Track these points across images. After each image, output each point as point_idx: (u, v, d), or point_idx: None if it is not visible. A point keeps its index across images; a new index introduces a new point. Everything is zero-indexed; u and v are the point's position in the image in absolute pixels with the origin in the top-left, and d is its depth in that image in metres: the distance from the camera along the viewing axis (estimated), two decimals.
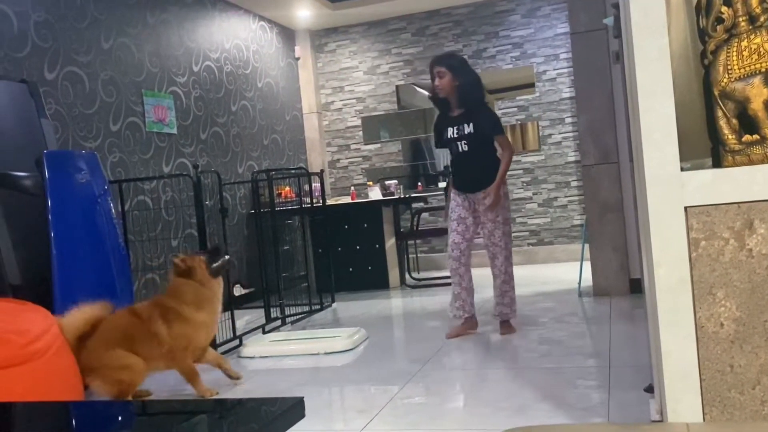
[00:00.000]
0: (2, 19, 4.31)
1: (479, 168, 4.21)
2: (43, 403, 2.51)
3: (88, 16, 5.02)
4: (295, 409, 1.49)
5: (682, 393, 1.81)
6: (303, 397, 1.49)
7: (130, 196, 5.16)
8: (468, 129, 4.19)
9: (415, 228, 7.28)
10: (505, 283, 4.29)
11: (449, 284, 6.56)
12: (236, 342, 4.54)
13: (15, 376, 2.85)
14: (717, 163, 1.90)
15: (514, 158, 7.66)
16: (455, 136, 4.24)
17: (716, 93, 1.88)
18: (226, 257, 3.51)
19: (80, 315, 3.30)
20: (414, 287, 6.69)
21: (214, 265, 3.45)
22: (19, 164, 3.88)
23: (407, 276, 6.93)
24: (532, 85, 7.62)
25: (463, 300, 4.31)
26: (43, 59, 4.60)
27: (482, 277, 5.08)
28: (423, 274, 7.27)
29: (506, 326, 4.31)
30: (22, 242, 3.81)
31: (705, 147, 1.99)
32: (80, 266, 3.78)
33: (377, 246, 6.75)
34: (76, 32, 4.90)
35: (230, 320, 4.57)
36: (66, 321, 3.24)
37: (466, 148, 4.21)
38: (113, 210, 4.11)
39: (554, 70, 7.57)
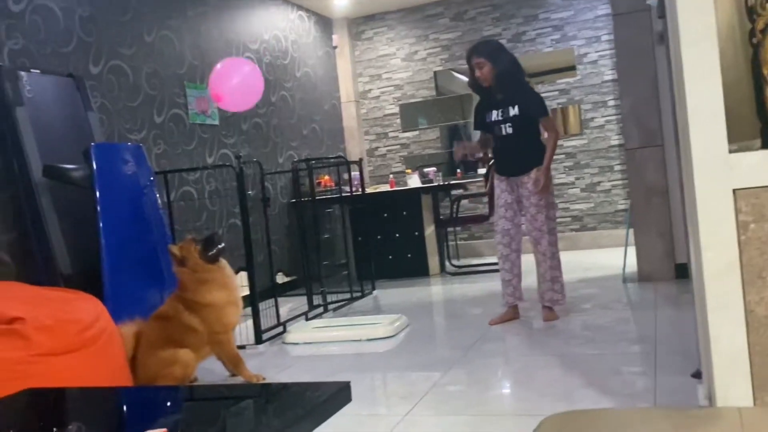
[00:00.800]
0: (49, 15, 4.41)
1: (524, 151, 4.16)
2: (96, 388, 2.59)
3: (130, 10, 5.11)
4: (341, 393, 1.52)
5: (731, 378, 1.78)
6: (349, 382, 1.51)
7: (175, 186, 5.25)
8: (513, 111, 4.14)
9: (454, 215, 7.26)
10: (553, 268, 4.24)
11: (490, 271, 6.56)
12: (280, 329, 4.60)
13: (69, 363, 2.94)
14: (766, 144, 1.85)
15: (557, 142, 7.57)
16: (499, 118, 4.19)
17: (765, 72, 1.84)
18: (221, 245, 3.49)
19: (128, 332, 3.39)
20: (454, 274, 6.68)
21: (210, 253, 3.44)
22: (67, 157, 3.99)
23: (447, 263, 6.92)
24: (573, 68, 7.51)
25: (514, 287, 4.29)
26: (88, 54, 4.70)
27: (526, 263, 5.05)
28: (463, 261, 7.26)
29: (550, 312, 4.27)
30: (71, 233, 3.92)
31: (754, 128, 1.94)
32: (128, 256, 3.87)
33: (416, 233, 6.75)
34: (119, 26, 4.99)
35: (274, 308, 4.64)
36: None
37: (510, 130, 4.16)
38: (159, 200, 4.20)
39: (596, 52, 7.44)
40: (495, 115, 4.20)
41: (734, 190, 1.78)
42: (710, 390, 1.91)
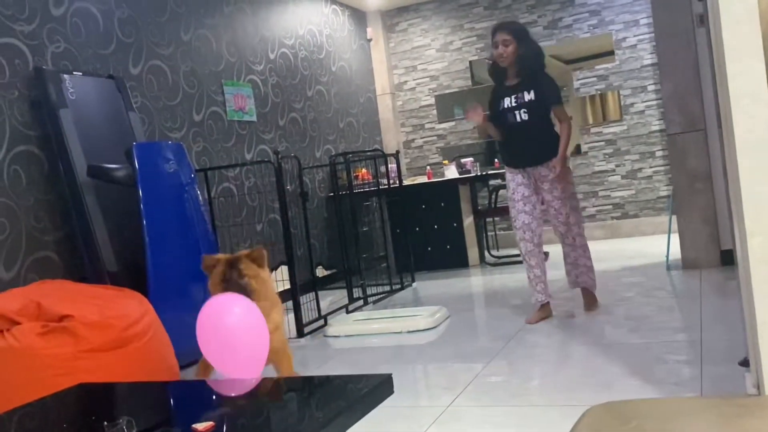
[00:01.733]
0: (89, 18, 4.50)
1: (540, 139, 3.98)
2: (143, 383, 2.65)
3: (167, 10, 5.19)
4: (384, 385, 1.53)
5: None
6: (391, 374, 1.52)
7: (215, 183, 5.33)
8: (528, 96, 3.94)
9: (493, 205, 7.22)
10: (585, 257, 4.14)
11: None
12: (321, 322, 4.64)
13: (117, 358, 3.01)
14: None
15: (595, 129, 7.48)
16: (513, 104, 3.98)
17: None
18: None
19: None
20: (494, 265, 6.65)
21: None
22: (110, 157, 4.07)
23: (487, 254, 6.89)
24: (611, 53, 7.39)
25: (543, 283, 4.12)
26: (128, 54, 4.78)
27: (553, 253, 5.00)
28: (502, 252, 7.21)
29: (591, 298, 4.19)
30: (116, 231, 4.01)
31: None
32: (171, 252, 3.94)
33: (455, 225, 6.73)
34: (157, 26, 5.07)
35: (315, 301, 4.68)
36: None
37: (525, 117, 3.95)
38: (200, 197, 4.26)
39: (634, 36, 7.30)
40: (508, 102, 4.00)
41: None
42: (758, 378, 1.87)
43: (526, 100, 3.95)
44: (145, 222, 3.85)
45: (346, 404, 1.54)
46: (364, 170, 7.07)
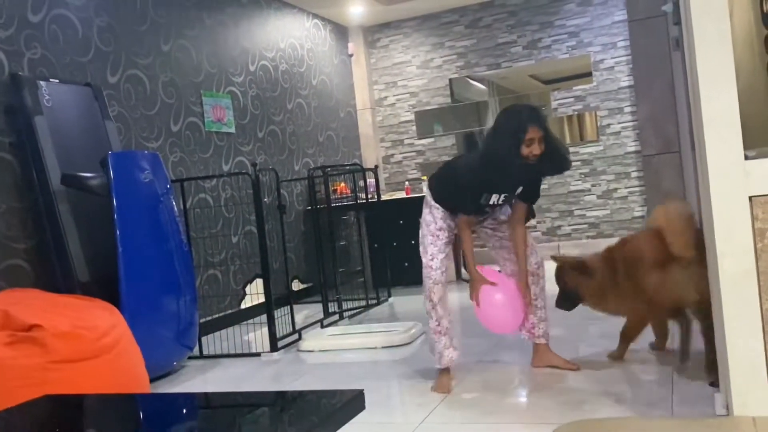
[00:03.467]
0: (67, 25, 4.47)
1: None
2: (112, 395, 2.60)
3: (147, 20, 5.16)
4: (355, 401, 1.52)
5: (749, 386, 1.76)
6: (363, 390, 1.51)
7: (191, 194, 5.29)
8: (517, 191, 3.32)
9: None
10: (543, 290, 3.53)
11: None
12: (295, 336, 4.61)
13: (86, 370, 2.96)
14: None
15: (572, 149, 7.55)
16: (499, 203, 3.29)
17: None
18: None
19: None
20: (469, 281, 6.64)
21: None
22: (85, 165, 4.03)
23: (462, 270, 6.89)
24: (589, 75, 7.48)
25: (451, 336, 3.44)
26: (106, 63, 4.75)
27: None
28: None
29: (559, 356, 3.49)
30: (89, 241, 3.96)
31: None
32: (145, 263, 3.90)
33: None
34: (137, 36, 5.05)
35: (289, 315, 4.65)
36: None
37: (501, 202, 3.31)
38: (175, 208, 4.22)
39: (612, 58, 7.41)
40: (495, 198, 3.26)
41: (750, 197, 1.77)
42: (727, 399, 1.89)
43: (512, 201, 3.36)
44: (118, 232, 3.81)
45: (318, 420, 1.52)
46: (342, 184, 7.07)
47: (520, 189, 3.30)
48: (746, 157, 1.80)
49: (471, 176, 3.22)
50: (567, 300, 3.42)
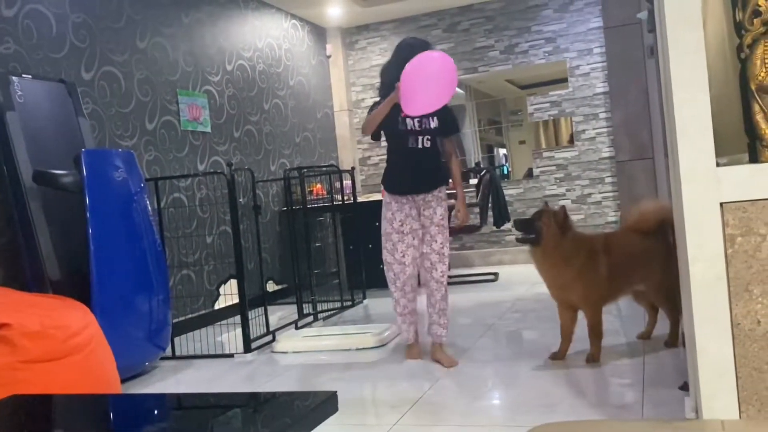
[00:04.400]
0: (42, 21, 4.40)
1: (435, 166, 3.81)
2: (82, 396, 2.57)
3: (124, 17, 5.11)
4: (328, 403, 1.51)
5: (717, 391, 1.79)
6: (336, 392, 1.50)
7: (165, 193, 5.24)
8: (433, 123, 3.72)
9: None
10: (444, 298, 3.84)
11: (480, 281, 6.57)
12: (269, 337, 4.58)
13: (56, 370, 2.92)
14: (754, 159, 1.87)
15: (547, 154, 7.62)
16: (416, 128, 3.70)
17: (753, 87, 1.85)
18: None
19: None
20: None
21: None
22: (58, 162, 3.97)
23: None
24: (565, 80, 7.55)
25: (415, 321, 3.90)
26: (81, 59, 4.69)
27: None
28: (453, 272, 7.25)
29: (445, 354, 3.78)
30: (61, 239, 3.90)
31: (742, 142, 1.96)
32: (117, 262, 3.85)
33: None
34: (113, 33, 4.99)
35: (263, 316, 4.62)
36: None
37: (428, 144, 3.74)
38: (149, 207, 4.18)
39: (587, 65, 7.48)
40: (411, 123, 3.70)
41: (722, 204, 1.79)
42: (697, 403, 1.92)
43: (431, 127, 3.73)
44: (90, 230, 3.76)
45: (291, 421, 1.52)
46: (318, 185, 7.05)
47: (435, 120, 3.72)
48: (718, 164, 1.83)
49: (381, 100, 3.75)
50: (527, 228, 3.43)
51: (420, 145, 3.74)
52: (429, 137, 3.74)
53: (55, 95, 4.28)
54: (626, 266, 3.43)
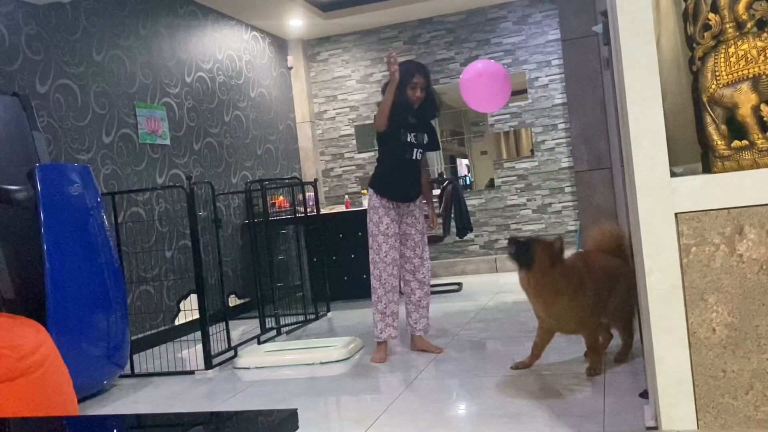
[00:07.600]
0: None
1: (418, 178, 4.26)
2: (36, 418, 2.49)
3: (79, 29, 5.02)
4: (288, 420, 1.49)
5: (675, 399, 1.81)
6: (296, 409, 1.48)
7: (123, 207, 5.15)
8: (425, 139, 4.23)
9: None
10: (428, 295, 4.30)
11: (445, 292, 6.58)
12: (231, 353, 4.52)
13: (8, 391, 2.83)
14: (707, 169, 1.91)
15: (508, 164, 7.69)
16: (413, 141, 4.18)
17: (705, 99, 1.89)
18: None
19: None
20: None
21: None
22: (11, 177, 3.87)
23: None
24: (524, 92, 7.64)
25: (395, 318, 4.25)
26: (35, 72, 4.60)
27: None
28: None
29: (429, 343, 4.29)
30: (14, 256, 3.80)
31: (695, 153, 2.00)
32: (73, 279, 3.76)
33: None
34: (68, 45, 4.90)
35: (225, 331, 4.56)
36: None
37: (419, 157, 4.21)
38: (106, 222, 4.10)
39: (546, 76, 7.59)
40: (410, 136, 4.17)
41: (676, 214, 1.82)
42: (656, 411, 1.94)
43: (424, 142, 4.23)
44: (45, 247, 3.67)
45: None
46: (281, 198, 7.00)
47: (426, 137, 4.22)
48: (672, 174, 1.85)
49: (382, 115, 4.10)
50: (520, 250, 3.43)
51: (414, 157, 4.19)
52: (421, 150, 4.22)
53: (7, 109, 4.18)
54: (603, 285, 3.44)
